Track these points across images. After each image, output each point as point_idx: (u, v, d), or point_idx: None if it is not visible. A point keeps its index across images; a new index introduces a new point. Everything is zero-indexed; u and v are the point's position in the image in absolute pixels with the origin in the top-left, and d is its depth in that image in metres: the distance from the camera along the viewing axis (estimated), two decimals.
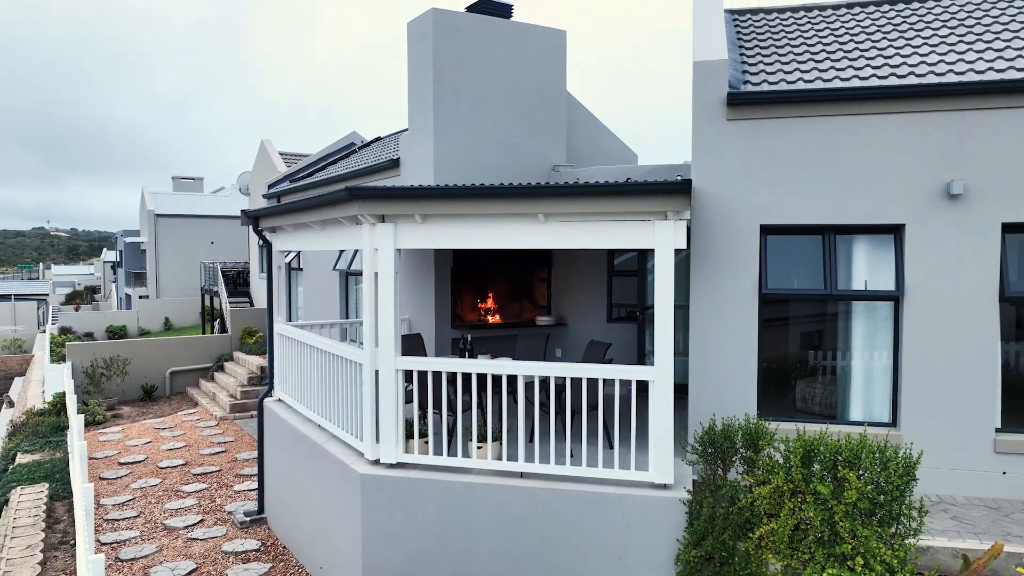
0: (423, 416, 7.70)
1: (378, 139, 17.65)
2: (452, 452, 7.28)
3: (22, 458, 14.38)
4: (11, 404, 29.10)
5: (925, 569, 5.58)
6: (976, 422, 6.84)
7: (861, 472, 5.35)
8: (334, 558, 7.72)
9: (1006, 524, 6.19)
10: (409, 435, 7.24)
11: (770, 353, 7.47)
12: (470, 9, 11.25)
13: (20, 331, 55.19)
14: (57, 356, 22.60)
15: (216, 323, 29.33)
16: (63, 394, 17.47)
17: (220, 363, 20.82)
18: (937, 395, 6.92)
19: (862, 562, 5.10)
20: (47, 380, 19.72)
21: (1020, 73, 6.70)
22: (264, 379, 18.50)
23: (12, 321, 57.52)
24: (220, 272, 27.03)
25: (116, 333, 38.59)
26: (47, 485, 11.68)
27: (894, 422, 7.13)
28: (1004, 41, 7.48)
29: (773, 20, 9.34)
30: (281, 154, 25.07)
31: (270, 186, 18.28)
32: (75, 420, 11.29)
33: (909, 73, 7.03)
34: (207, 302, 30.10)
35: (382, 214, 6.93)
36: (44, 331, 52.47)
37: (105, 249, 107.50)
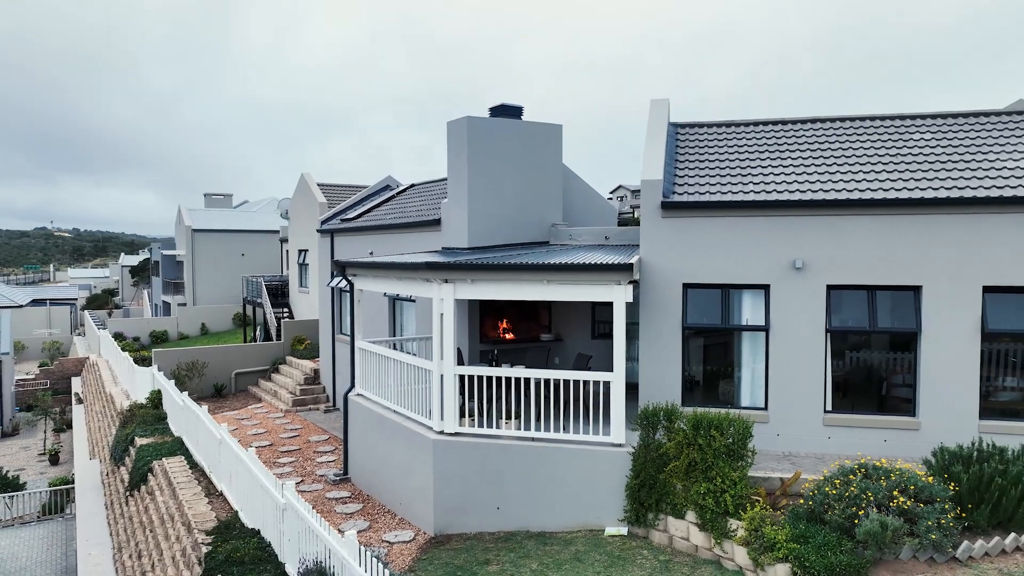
0: (469, 402, 11.93)
1: (412, 186, 21.88)
2: (489, 425, 11.52)
3: (140, 440, 18.61)
4: (80, 400, 33.38)
5: (764, 488, 9.78)
6: (813, 407, 11.10)
7: (723, 432, 9.60)
8: (411, 497, 11.95)
9: (820, 466, 10.44)
10: (461, 415, 11.50)
11: (690, 363, 11.72)
12: (492, 111, 15.50)
13: (55, 334, 59.42)
14: (135, 359, 26.72)
15: (258, 330, 33.53)
16: (158, 391, 21.66)
17: (275, 366, 25.04)
18: (790, 390, 11.17)
19: (720, 480, 9.36)
20: (135, 380, 23.84)
21: (838, 194, 10.95)
22: (317, 379, 22.74)
23: (47, 325, 61.67)
24: (264, 286, 31.15)
25: (159, 337, 42.87)
26: (183, 457, 15.92)
27: (765, 407, 11.38)
28: (839, 165, 11.75)
29: (703, 134, 13.62)
30: (319, 185, 29.28)
31: (323, 222, 22.48)
32: (199, 410, 15.43)
33: (773, 190, 11.29)
34: (249, 312, 34.29)
35: (446, 278, 11.19)
36: (80, 334, 56.68)
37: (123, 254, 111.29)
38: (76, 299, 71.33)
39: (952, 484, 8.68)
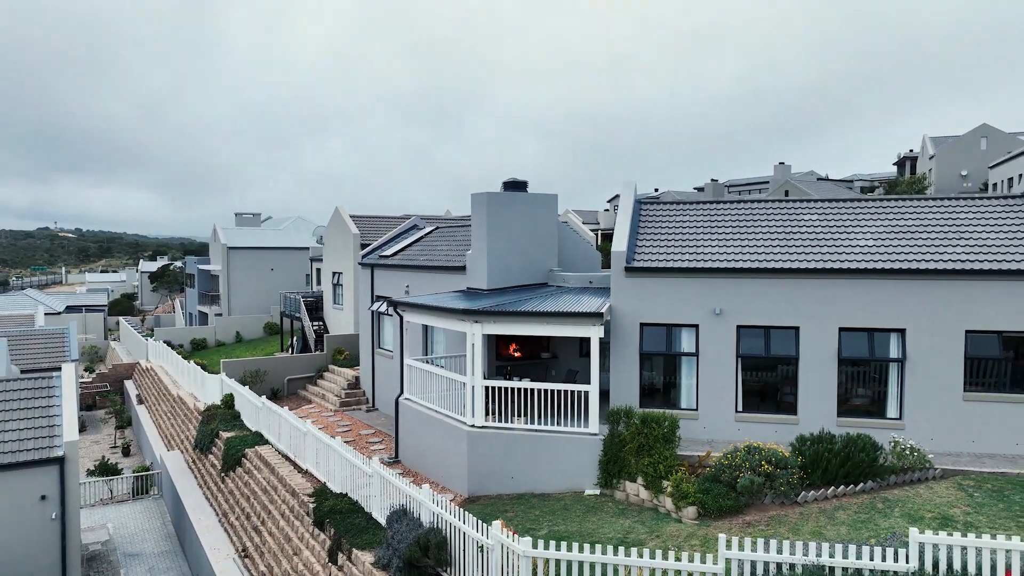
0: (492, 404, 16.98)
1: (437, 228, 26.93)
2: (505, 420, 16.56)
3: (225, 434, 23.60)
4: (141, 401, 38.38)
5: (688, 462, 14.78)
6: (728, 408, 16.17)
7: (660, 425, 14.66)
8: (450, 473, 16.99)
9: (724, 447, 15.46)
10: (486, 413, 16.56)
11: (646, 377, 16.78)
12: (504, 185, 20.58)
13: (91, 339, 64.34)
14: (197, 364, 31.68)
15: (294, 338, 38.47)
16: (230, 395, 26.64)
17: (320, 373, 30.06)
18: (713, 396, 16.23)
19: (657, 456, 14.43)
20: (205, 386, 28.82)
21: (743, 263, 15.99)
22: (358, 385, 27.75)
23: (83, 330, 66.58)
24: (302, 302, 36.10)
25: (199, 344, 47.79)
26: (269, 445, 20.93)
27: (697, 408, 16.44)
28: (748, 240, 16.82)
29: (660, 210, 18.69)
30: (352, 216, 34.25)
31: (363, 256, 27.53)
32: (282, 411, 20.44)
33: (702, 259, 16.35)
34: (288, 324, 39.28)
35: (476, 319, 16.25)
36: (115, 339, 61.45)
37: (142, 260, 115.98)
38: (107, 305, 76.33)
39: (800, 457, 13.74)
